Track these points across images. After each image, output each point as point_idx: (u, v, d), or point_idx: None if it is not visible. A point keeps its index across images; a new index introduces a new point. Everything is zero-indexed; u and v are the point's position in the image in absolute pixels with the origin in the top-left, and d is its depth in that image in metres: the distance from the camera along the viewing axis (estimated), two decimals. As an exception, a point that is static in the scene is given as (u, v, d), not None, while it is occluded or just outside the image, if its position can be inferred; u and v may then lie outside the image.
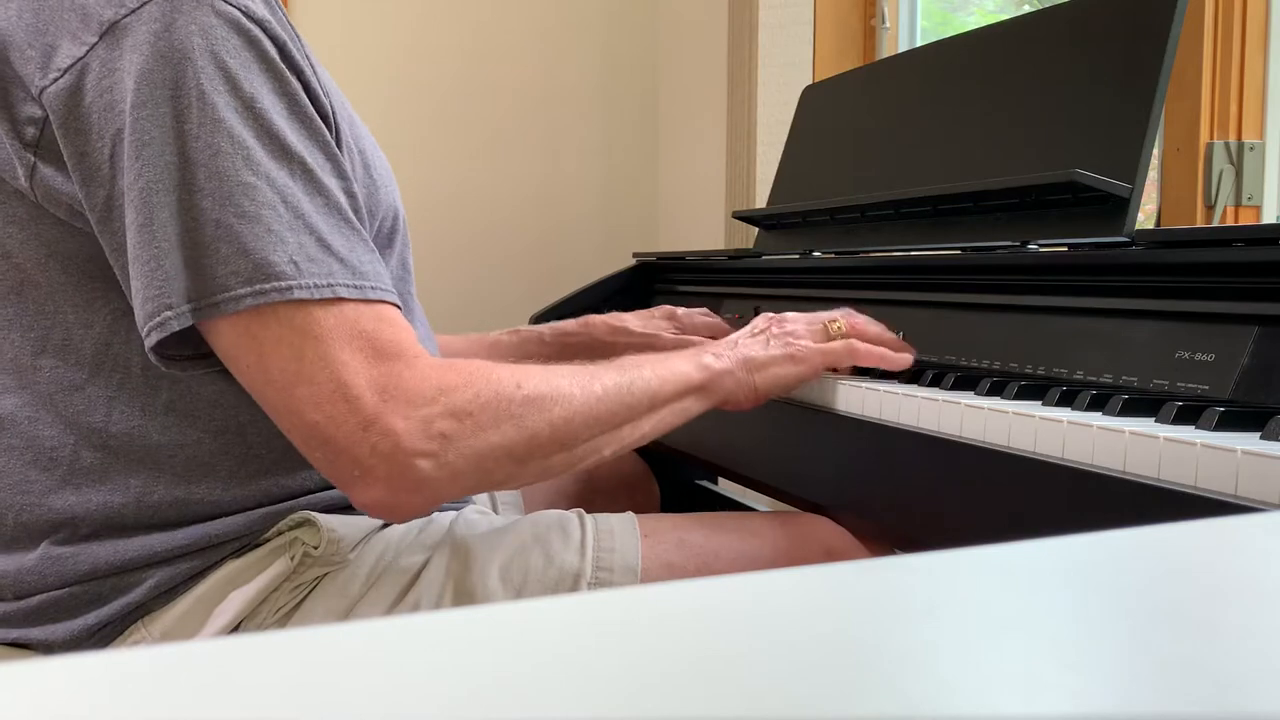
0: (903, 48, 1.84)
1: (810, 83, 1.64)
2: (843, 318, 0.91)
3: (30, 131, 0.70)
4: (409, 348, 0.68)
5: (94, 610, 0.74)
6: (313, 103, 0.71)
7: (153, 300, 0.66)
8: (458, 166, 2.16)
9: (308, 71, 0.72)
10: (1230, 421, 0.61)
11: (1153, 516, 0.54)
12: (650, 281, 1.54)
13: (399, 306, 0.71)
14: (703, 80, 2.09)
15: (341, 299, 0.67)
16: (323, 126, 0.71)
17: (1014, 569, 0.29)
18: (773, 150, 1.65)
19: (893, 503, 0.82)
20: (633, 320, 1.14)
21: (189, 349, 0.70)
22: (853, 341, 0.89)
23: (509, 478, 0.71)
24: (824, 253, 1.23)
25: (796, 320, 0.90)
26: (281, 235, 0.66)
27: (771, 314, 0.92)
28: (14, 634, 0.75)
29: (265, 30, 0.69)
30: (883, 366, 0.89)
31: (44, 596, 0.74)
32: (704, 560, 0.85)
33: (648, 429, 0.78)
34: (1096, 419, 0.66)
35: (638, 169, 2.30)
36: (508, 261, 2.18)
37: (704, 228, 2.11)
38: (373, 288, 0.69)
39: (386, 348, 0.67)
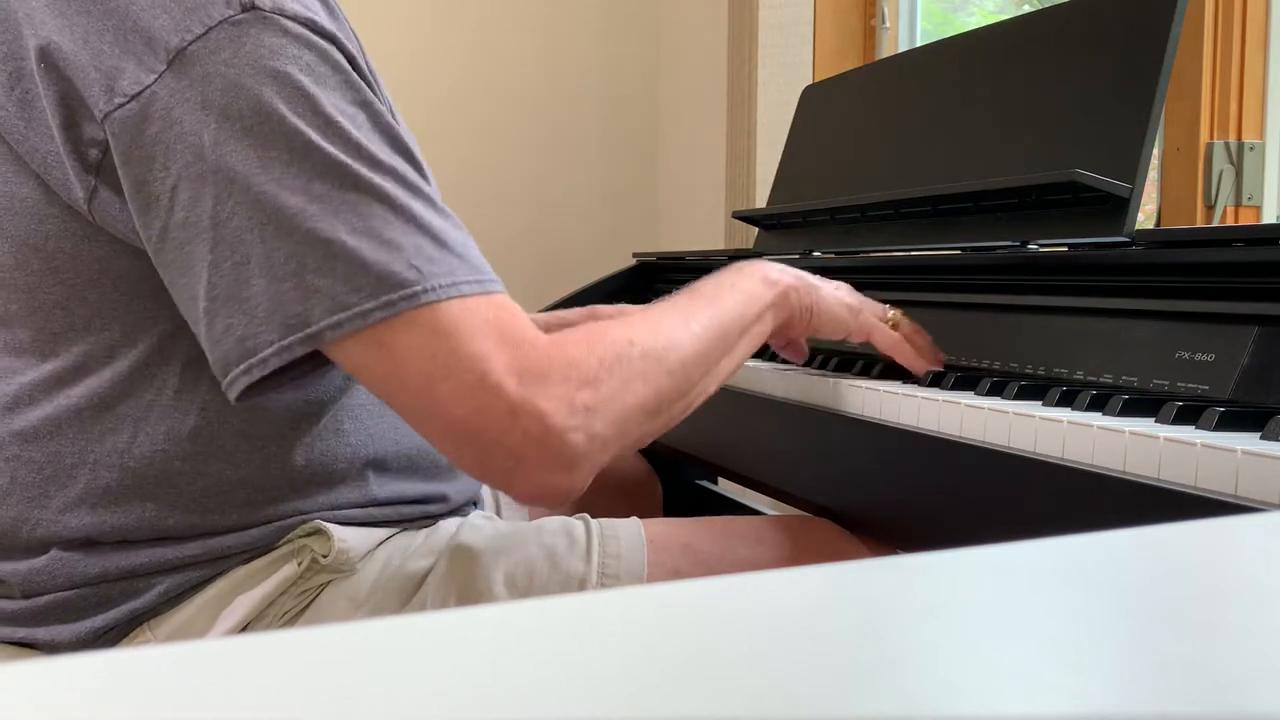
0: (903, 48, 1.84)
1: (810, 83, 1.64)
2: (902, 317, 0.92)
3: (93, 154, 0.68)
4: (528, 330, 0.68)
5: (101, 613, 0.74)
6: None
7: (251, 338, 0.64)
8: (458, 166, 2.16)
9: (373, 85, 0.71)
10: (1230, 421, 0.61)
11: (1153, 516, 0.54)
12: (650, 281, 1.54)
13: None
14: (703, 80, 2.09)
15: (465, 295, 0.66)
16: (400, 133, 0.70)
17: (1014, 569, 0.30)
18: (773, 150, 1.65)
19: (893, 502, 0.82)
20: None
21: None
22: (898, 337, 0.89)
23: (645, 435, 0.72)
24: (824, 253, 1.23)
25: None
26: (396, 242, 0.64)
27: None
28: (20, 633, 0.75)
29: (335, 44, 0.68)
30: (903, 362, 0.89)
31: (52, 597, 0.74)
32: (709, 566, 0.85)
33: (738, 359, 0.79)
34: (1096, 419, 0.66)
35: (638, 169, 2.30)
36: (507, 261, 2.17)
37: (704, 228, 2.11)
38: (491, 280, 0.68)
39: (512, 333, 0.66)
